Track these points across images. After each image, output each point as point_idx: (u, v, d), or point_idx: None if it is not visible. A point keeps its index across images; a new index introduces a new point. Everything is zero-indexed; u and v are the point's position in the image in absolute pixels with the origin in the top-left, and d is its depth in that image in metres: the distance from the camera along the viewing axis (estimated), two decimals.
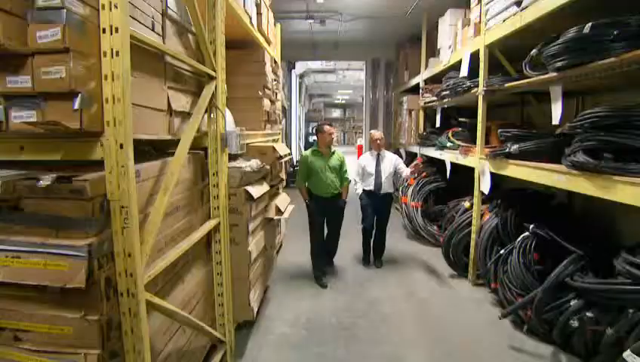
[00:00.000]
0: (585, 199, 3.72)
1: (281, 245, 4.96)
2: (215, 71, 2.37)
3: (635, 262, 2.25)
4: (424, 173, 5.83)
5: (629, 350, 2.18)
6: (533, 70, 2.95)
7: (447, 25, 4.78)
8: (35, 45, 1.23)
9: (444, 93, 4.58)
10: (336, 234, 4.41)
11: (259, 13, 3.47)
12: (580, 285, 2.57)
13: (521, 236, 3.31)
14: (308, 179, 4.10)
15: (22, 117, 1.30)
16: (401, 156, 7.41)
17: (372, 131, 4.77)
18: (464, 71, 4.09)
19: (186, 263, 2.17)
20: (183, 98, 2.10)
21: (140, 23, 1.61)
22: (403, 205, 5.98)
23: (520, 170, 3.09)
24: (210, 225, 2.37)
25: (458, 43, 4.49)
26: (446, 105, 5.31)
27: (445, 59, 4.79)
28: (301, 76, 12.35)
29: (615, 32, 2.11)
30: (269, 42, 3.96)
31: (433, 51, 5.86)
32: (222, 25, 2.44)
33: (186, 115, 2.13)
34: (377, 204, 4.45)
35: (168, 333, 1.94)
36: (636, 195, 2.03)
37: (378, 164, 4.40)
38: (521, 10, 2.98)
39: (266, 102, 3.91)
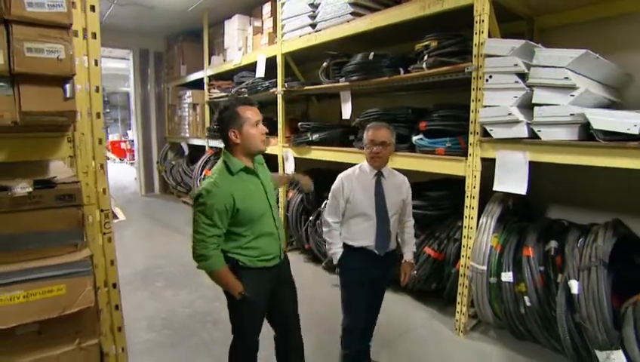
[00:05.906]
0: None
1: None
2: None
3: (429, 196, 3.56)
4: None
5: None
6: (327, 78, 3.97)
7: (235, 29, 5.26)
8: (18, 12, 0.94)
9: (242, 90, 5.09)
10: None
11: None
12: None
13: (324, 203, 4.39)
14: (235, 239, 1.84)
15: None
16: (183, 151, 7.36)
17: (373, 125, 2.22)
18: (260, 72, 4.75)
19: None
20: None
21: None
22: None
23: (323, 153, 4.09)
24: None
25: (249, 47, 5.09)
26: None
27: (236, 59, 5.27)
28: None
29: (388, 62, 3.32)
30: None
31: (213, 49, 6.21)
32: None
33: None
34: (377, 278, 2.26)
35: None
36: (405, 162, 3.34)
37: (379, 193, 2.20)
38: (315, 32, 3.91)
39: None
